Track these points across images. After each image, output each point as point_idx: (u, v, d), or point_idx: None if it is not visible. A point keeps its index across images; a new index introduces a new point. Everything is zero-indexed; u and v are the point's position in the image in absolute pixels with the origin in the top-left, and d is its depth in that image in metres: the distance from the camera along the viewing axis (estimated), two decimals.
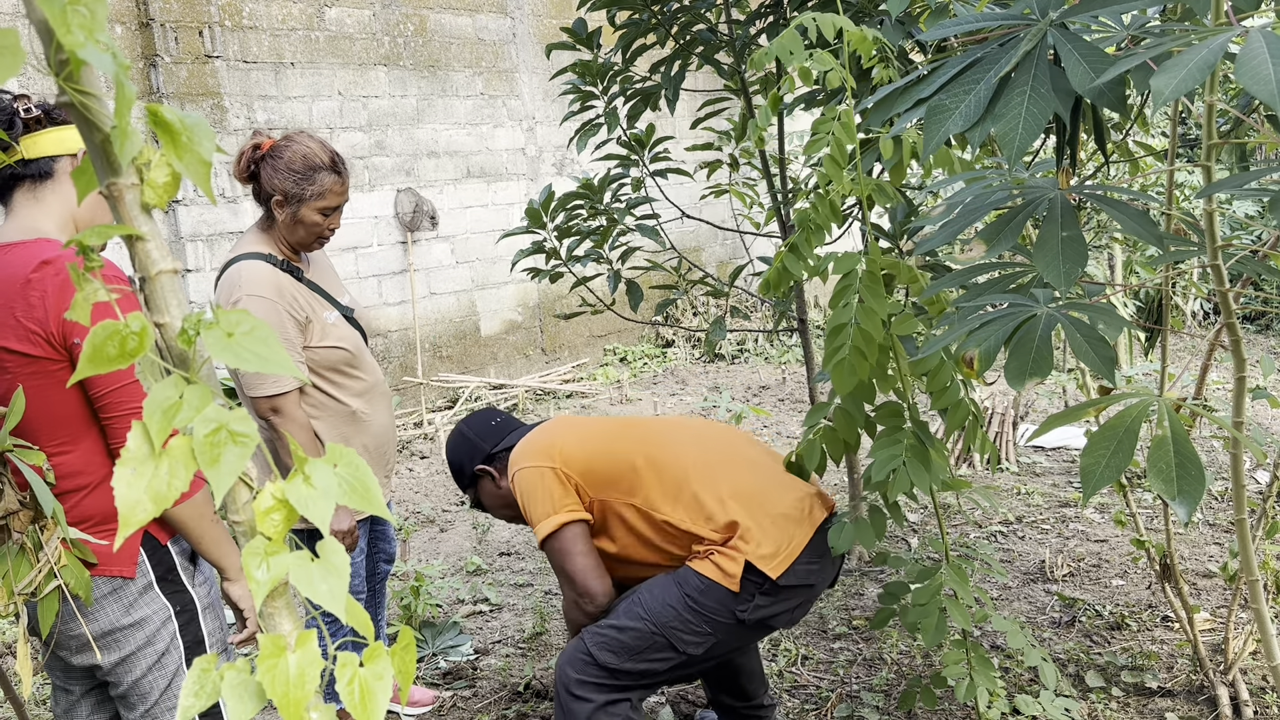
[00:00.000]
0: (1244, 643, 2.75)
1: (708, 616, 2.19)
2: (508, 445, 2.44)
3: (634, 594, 2.28)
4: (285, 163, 2.40)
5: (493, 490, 2.47)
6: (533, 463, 2.27)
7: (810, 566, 2.24)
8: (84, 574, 1.68)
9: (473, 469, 2.46)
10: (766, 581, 2.18)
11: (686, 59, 3.40)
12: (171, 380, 0.72)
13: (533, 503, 2.25)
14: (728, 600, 2.19)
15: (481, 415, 2.54)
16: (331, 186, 2.43)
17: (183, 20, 5.43)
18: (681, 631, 2.20)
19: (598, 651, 2.22)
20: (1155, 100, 1.12)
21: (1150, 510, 4.13)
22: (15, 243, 1.72)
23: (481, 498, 2.50)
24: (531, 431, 2.42)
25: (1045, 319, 1.41)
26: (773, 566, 2.17)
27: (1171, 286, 2.18)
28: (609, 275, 3.45)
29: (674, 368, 7.86)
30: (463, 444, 2.48)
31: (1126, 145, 3.20)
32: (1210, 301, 7.25)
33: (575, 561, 2.22)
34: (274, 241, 2.48)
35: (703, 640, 2.21)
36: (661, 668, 2.24)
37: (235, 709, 0.72)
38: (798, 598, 2.26)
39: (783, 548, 2.20)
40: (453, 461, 2.51)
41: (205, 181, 0.73)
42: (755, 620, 2.21)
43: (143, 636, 1.80)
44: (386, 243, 6.55)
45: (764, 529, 2.20)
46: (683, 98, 3.48)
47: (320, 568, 0.74)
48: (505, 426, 2.50)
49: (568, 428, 2.39)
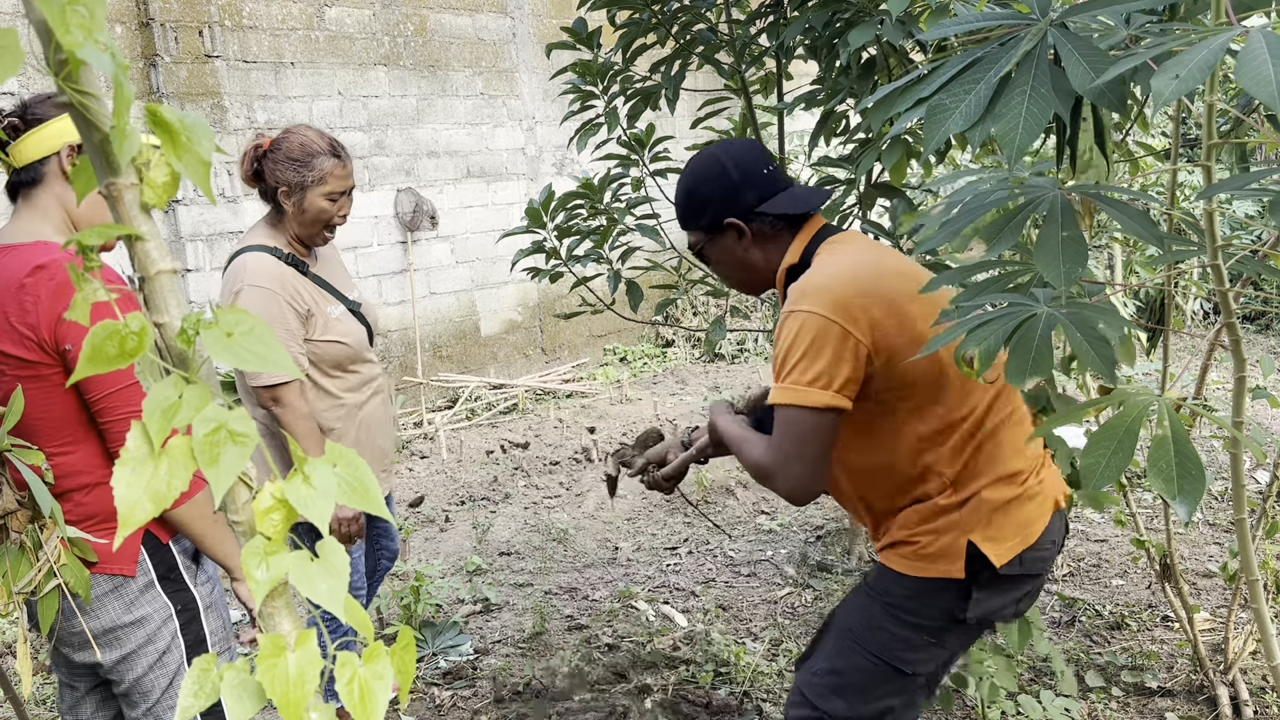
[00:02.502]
0: (1244, 643, 2.75)
1: (923, 625, 1.84)
2: (776, 212, 1.89)
3: (830, 630, 1.95)
4: (284, 153, 2.43)
5: (734, 250, 1.93)
6: (825, 308, 1.74)
7: (1043, 553, 1.86)
8: (83, 573, 1.69)
9: (721, 218, 1.91)
10: (986, 570, 1.80)
11: (687, 59, 3.40)
12: (171, 380, 0.72)
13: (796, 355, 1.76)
14: (944, 598, 1.82)
15: (751, 154, 1.94)
16: (332, 170, 2.46)
17: (183, 20, 5.43)
18: (904, 651, 1.84)
19: (823, 701, 1.88)
20: (1156, 101, 1.12)
21: (1150, 510, 4.13)
22: (11, 245, 1.72)
23: (709, 249, 1.96)
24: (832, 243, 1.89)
25: (1045, 318, 1.41)
26: (997, 551, 1.78)
27: (1171, 286, 2.18)
28: (609, 275, 3.45)
29: (674, 367, 7.86)
30: (719, 180, 1.91)
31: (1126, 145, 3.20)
32: (1210, 301, 7.24)
33: (807, 447, 1.74)
34: (282, 235, 2.50)
35: (928, 654, 1.86)
36: (897, 701, 1.89)
37: (235, 709, 0.72)
38: (1023, 588, 1.88)
39: (1012, 521, 1.81)
40: (696, 194, 1.93)
41: (205, 181, 0.73)
42: (967, 620, 1.84)
43: (143, 635, 1.81)
44: (386, 242, 6.54)
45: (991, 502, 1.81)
46: (683, 97, 3.47)
47: (320, 567, 0.74)
48: (776, 181, 1.93)
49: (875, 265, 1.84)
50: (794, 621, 3.53)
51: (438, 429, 6.22)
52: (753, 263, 1.95)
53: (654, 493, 5.06)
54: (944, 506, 1.82)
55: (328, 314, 2.50)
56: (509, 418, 6.63)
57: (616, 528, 4.65)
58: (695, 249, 2.00)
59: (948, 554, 1.80)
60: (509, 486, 5.29)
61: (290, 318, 2.41)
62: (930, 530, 1.83)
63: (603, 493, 5.11)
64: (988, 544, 1.78)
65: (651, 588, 3.93)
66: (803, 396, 1.72)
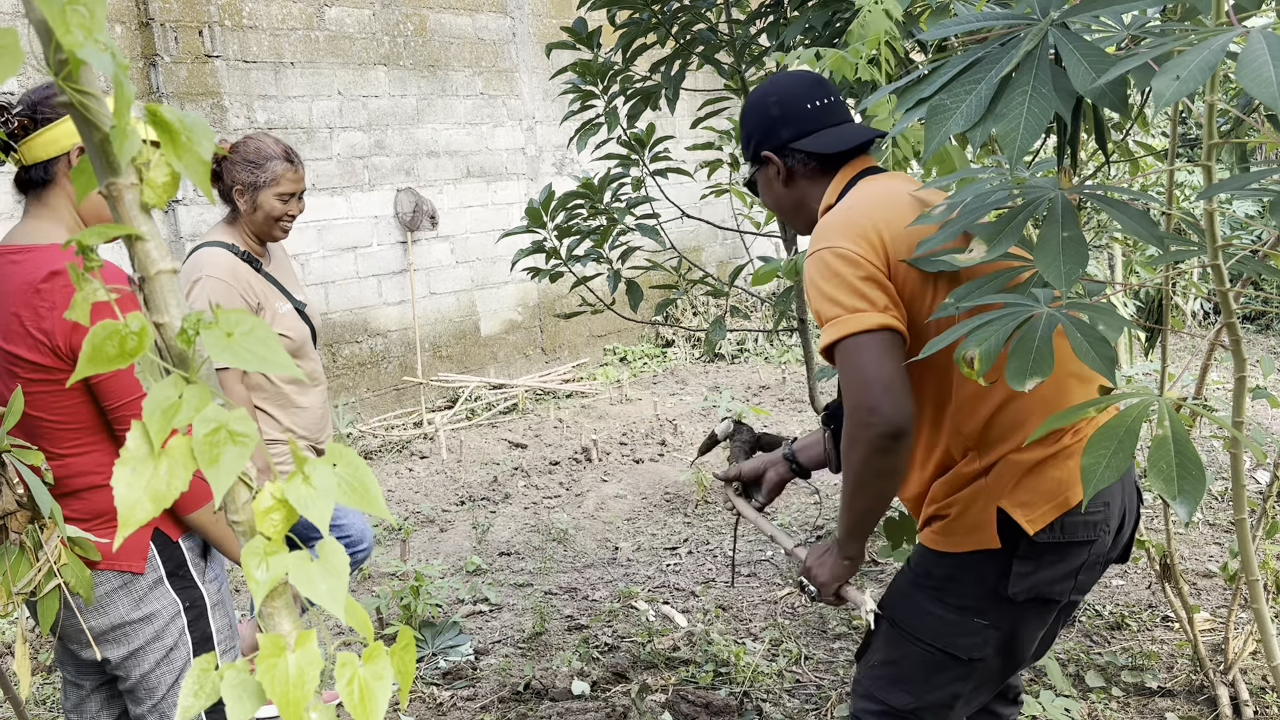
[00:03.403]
0: (1244, 643, 2.75)
1: (968, 606, 1.73)
2: (812, 150, 1.84)
3: (883, 621, 1.84)
4: (241, 155, 2.65)
5: (774, 183, 1.92)
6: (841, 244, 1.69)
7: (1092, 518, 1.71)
8: (84, 572, 1.69)
9: (759, 151, 1.90)
10: (1023, 539, 1.69)
11: (686, 59, 3.40)
12: (171, 380, 0.72)
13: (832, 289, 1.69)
14: (982, 572, 1.72)
15: (800, 87, 1.90)
16: (284, 173, 2.66)
17: (183, 20, 5.43)
18: (955, 635, 1.74)
19: (886, 694, 1.82)
20: (1157, 101, 1.12)
21: (1150, 510, 4.13)
22: (26, 247, 1.72)
23: (758, 181, 1.96)
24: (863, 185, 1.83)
25: (1046, 319, 1.41)
26: (1032, 519, 1.67)
27: (1171, 286, 2.18)
28: (609, 275, 3.45)
29: (674, 367, 7.86)
30: (761, 113, 1.89)
31: (1126, 145, 3.20)
32: (1210, 301, 7.24)
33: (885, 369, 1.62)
34: (238, 234, 2.71)
35: (981, 636, 1.74)
36: (964, 687, 1.79)
37: (235, 709, 0.72)
38: (1074, 559, 1.72)
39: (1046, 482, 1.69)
40: (745, 125, 1.94)
41: (205, 181, 0.73)
42: (1014, 597, 1.71)
43: (151, 631, 1.82)
44: (386, 242, 6.54)
45: (1019, 464, 1.70)
46: (683, 97, 3.48)
47: (320, 567, 0.74)
48: (820, 117, 1.86)
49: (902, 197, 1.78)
50: (794, 621, 3.53)
51: (437, 429, 6.22)
52: (792, 200, 1.90)
53: (654, 493, 5.07)
54: (968, 474, 1.72)
55: (276, 309, 2.69)
56: (509, 418, 6.63)
57: (616, 528, 4.65)
58: (747, 181, 1.99)
59: (979, 524, 1.70)
60: (509, 486, 5.29)
61: (240, 308, 2.54)
62: (957, 500, 1.73)
63: (603, 493, 5.11)
64: (1018, 510, 1.67)
65: (651, 588, 3.93)
66: (848, 325, 1.62)
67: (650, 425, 6.19)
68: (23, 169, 1.74)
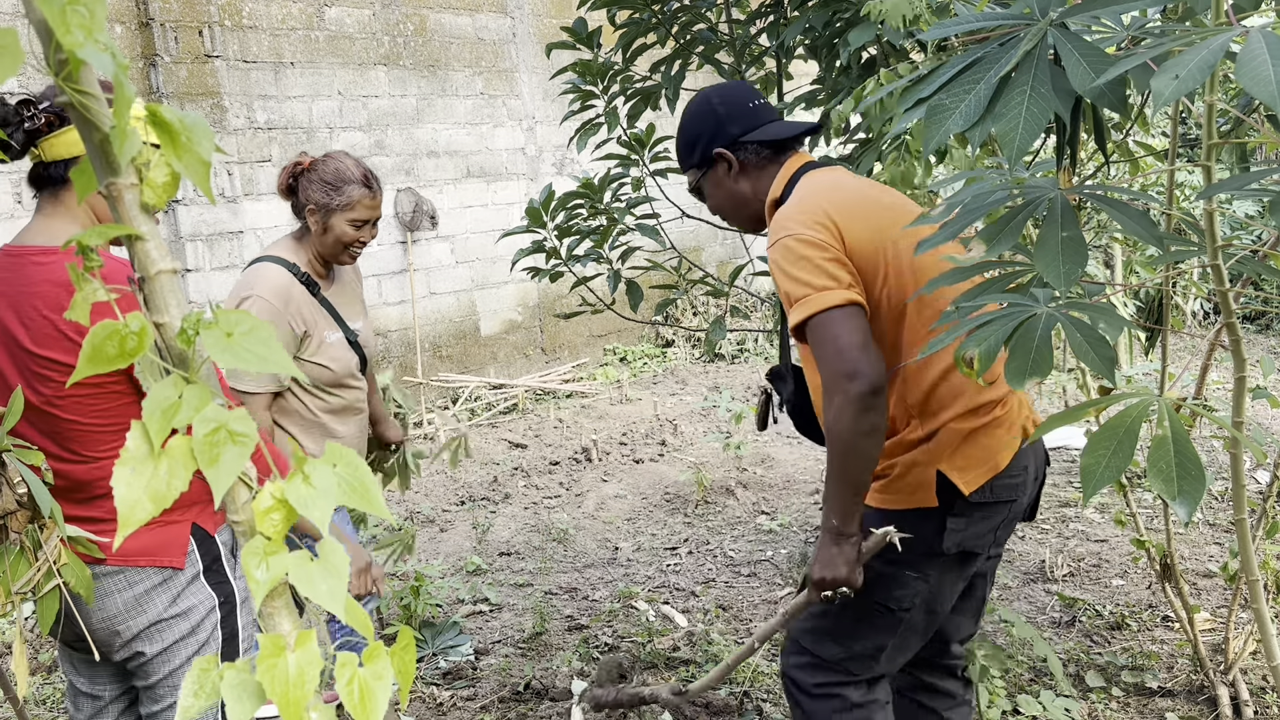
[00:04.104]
0: (1244, 643, 2.75)
1: (903, 560, 1.86)
2: (762, 140, 2.01)
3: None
4: (319, 175, 2.54)
5: (725, 182, 2.05)
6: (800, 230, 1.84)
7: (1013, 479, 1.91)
8: (84, 572, 1.68)
9: (710, 150, 2.03)
10: (958, 498, 1.86)
11: (687, 58, 3.40)
12: (171, 380, 0.72)
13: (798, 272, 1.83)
14: (923, 529, 1.86)
15: (737, 91, 2.09)
16: (361, 199, 2.56)
17: (182, 20, 5.43)
18: (889, 589, 1.90)
19: (818, 647, 1.97)
20: (1156, 101, 1.12)
21: (1150, 510, 4.13)
22: (49, 249, 1.70)
23: (705, 185, 2.09)
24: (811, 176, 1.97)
25: (1045, 319, 1.41)
26: (965, 479, 1.85)
27: (1171, 286, 2.18)
28: (609, 275, 3.45)
29: (674, 367, 7.86)
30: (706, 116, 2.04)
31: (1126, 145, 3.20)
32: (1210, 301, 7.24)
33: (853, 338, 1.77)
34: (303, 253, 2.60)
35: (912, 589, 1.91)
36: (889, 639, 1.95)
37: (235, 709, 0.72)
38: (997, 515, 1.91)
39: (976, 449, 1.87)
40: (686, 131, 2.07)
41: (204, 181, 0.73)
42: (945, 551, 1.88)
43: (187, 626, 1.82)
44: (386, 242, 6.54)
45: (957, 431, 1.87)
46: (683, 97, 3.47)
47: (320, 567, 0.74)
48: (761, 114, 2.04)
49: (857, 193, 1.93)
50: None
51: (438, 429, 6.22)
52: (743, 194, 2.05)
53: (654, 493, 5.07)
54: (911, 440, 1.89)
55: (324, 337, 2.59)
56: (509, 418, 6.63)
57: (616, 528, 4.65)
58: (693, 188, 2.12)
59: (920, 484, 1.87)
60: (509, 486, 5.29)
61: (285, 333, 2.50)
62: (900, 462, 1.90)
63: (603, 493, 5.11)
64: (956, 473, 1.85)
65: (651, 588, 3.93)
66: (819, 302, 1.76)
67: (650, 425, 6.19)
68: (41, 165, 1.73)
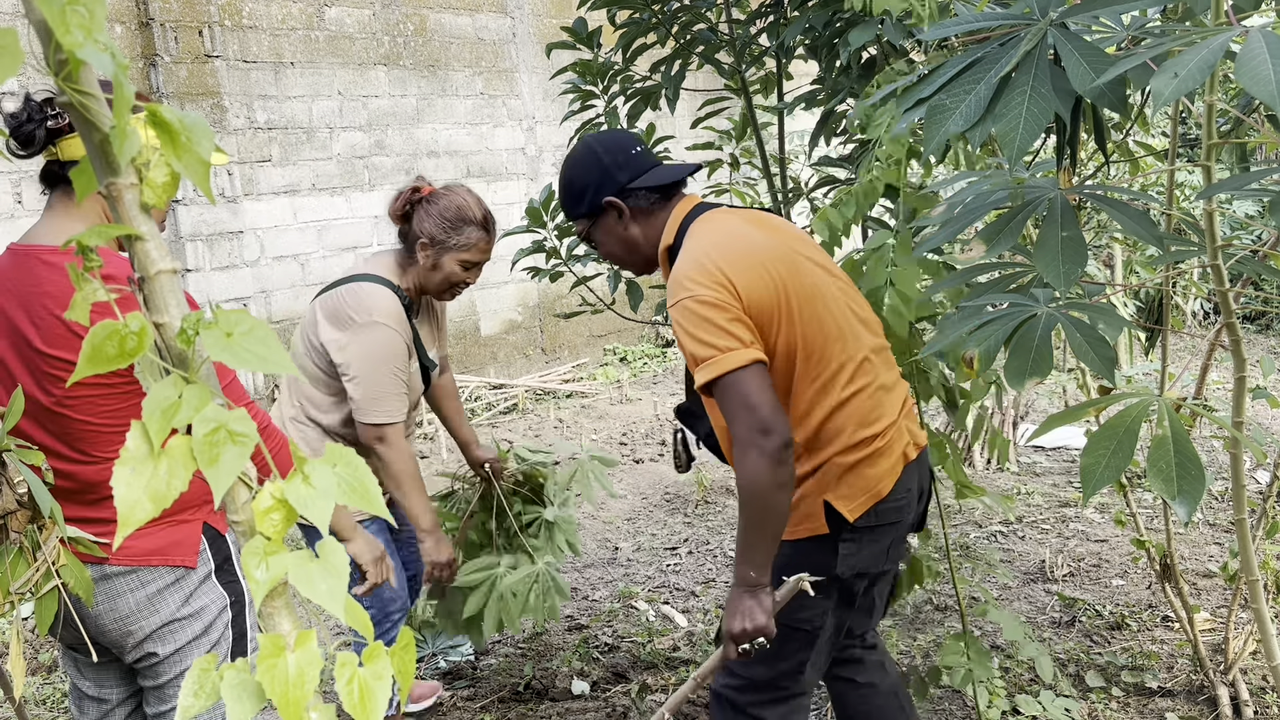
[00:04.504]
0: (1244, 643, 2.75)
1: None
2: (650, 185, 2.05)
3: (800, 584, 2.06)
4: (439, 209, 2.48)
5: (616, 229, 2.09)
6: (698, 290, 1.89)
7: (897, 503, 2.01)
8: (84, 573, 1.68)
9: (599, 199, 2.06)
10: (843, 526, 1.96)
11: (687, 59, 3.40)
12: (171, 380, 0.72)
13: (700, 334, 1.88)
14: (822, 556, 1.96)
15: (619, 136, 2.13)
16: (477, 242, 2.51)
17: (182, 20, 5.43)
18: (797, 611, 1.98)
19: (745, 670, 2.07)
20: (1156, 101, 1.12)
21: (1150, 510, 4.13)
22: (56, 249, 1.70)
23: (595, 233, 2.12)
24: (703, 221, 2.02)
25: (1045, 319, 1.41)
26: (848, 507, 1.94)
27: (1171, 286, 2.18)
28: (609, 275, 3.45)
29: (674, 367, 7.86)
30: (592, 166, 2.07)
31: (1126, 145, 3.20)
32: (1210, 301, 7.24)
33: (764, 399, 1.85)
34: (406, 278, 2.54)
35: (818, 609, 2.00)
36: (808, 654, 2.06)
37: (235, 709, 0.72)
38: (881, 540, 2.02)
39: (855, 481, 1.96)
40: (574, 182, 2.09)
41: (204, 181, 0.73)
42: (842, 576, 1.99)
43: (200, 626, 1.82)
44: (386, 242, 6.54)
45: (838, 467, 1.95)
46: (683, 97, 3.47)
47: (320, 567, 0.74)
48: (645, 159, 2.09)
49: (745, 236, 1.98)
50: None
51: (438, 429, 6.22)
52: (635, 240, 2.09)
53: (654, 493, 5.07)
54: (801, 474, 1.96)
55: (409, 365, 2.56)
56: (509, 418, 6.63)
57: (616, 528, 4.65)
58: (582, 236, 2.16)
59: (810, 514, 1.97)
60: None
61: (405, 360, 2.49)
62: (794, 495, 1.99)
63: (603, 492, 5.10)
64: (840, 502, 1.95)
65: (651, 588, 3.93)
66: (722, 364, 1.82)
67: (650, 425, 6.19)
68: (56, 164, 1.74)
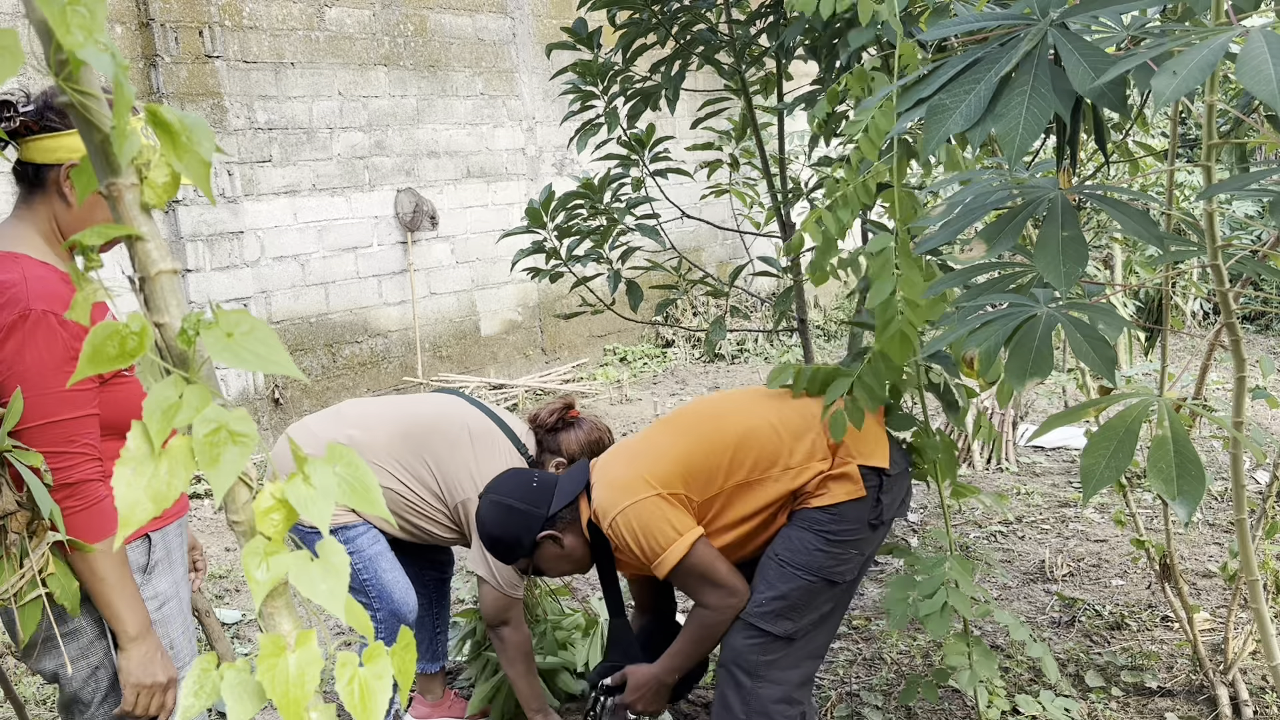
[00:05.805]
0: (1244, 643, 2.75)
1: (848, 540, 2.22)
2: (565, 503, 2.29)
3: (769, 564, 2.25)
4: (586, 437, 2.73)
5: (556, 552, 2.31)
6: (631, 499, 2.16)
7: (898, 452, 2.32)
8: (72, 584, 1.65)
9: (534, 539, 2.29)
10: (881, 477, 2.22)
11: (687, 59, 3.40)
12: (171, 380, 0.72)
13: (651, 537, 2.15)
14: (860, 513, 2.21)
15: (515, 479, 2.36)
16: None
17: (183, 20, 5.43)
18: (835, 565, 2.21)
19: (773, 625, 2.21)
20: (1156, 101, 1.12)
21: (1150, 510, 4.13)
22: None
23: (539, 564, 2.34)
24: (597, 472, 2.30)
25: (1045, 319, 1.41)
26: (880, 459, 2.22)
27: (1171, 286, 2.18)
28: (609, 275, 3.45)
29: (674, 368, 7.86)
30: (513, 517, 2.29)
31: (1126, 145, 3.20)
32: (1210, 301, 7.24)
33: (718, 569, 2.19)
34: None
35: (852, 563, 2.25)
36: (831, 606, 2.28)
37: (235, 709, 0.72)
38: (904, 482, 2.33)
39: (873, 439, 2.24)
40: (504, 538, 2.31)
41: (205, 182, 0.73)
42: (882, 520, 2.26)
43: (75, 649, 1.72)
44: (386, 243, 6.55)
45: (855, 435, 2.20)
46: (683, 98, 3.47)
47: (320, 567, 0.74)
48: (547, 483, 2.33)
49: (630, 453, 2.29)
50: None
51: None
52: (575, 548, 2.31)
53: None
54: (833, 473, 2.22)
55: None
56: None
57: None
58: (525, 571, 2.39)
59: (850, 478, 2.22)
60: None
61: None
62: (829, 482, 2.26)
63: None
64: (874, 459, 2.22)
65: None
66: (677, 551, 2.14)
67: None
68: (18, 162, 1.73)
